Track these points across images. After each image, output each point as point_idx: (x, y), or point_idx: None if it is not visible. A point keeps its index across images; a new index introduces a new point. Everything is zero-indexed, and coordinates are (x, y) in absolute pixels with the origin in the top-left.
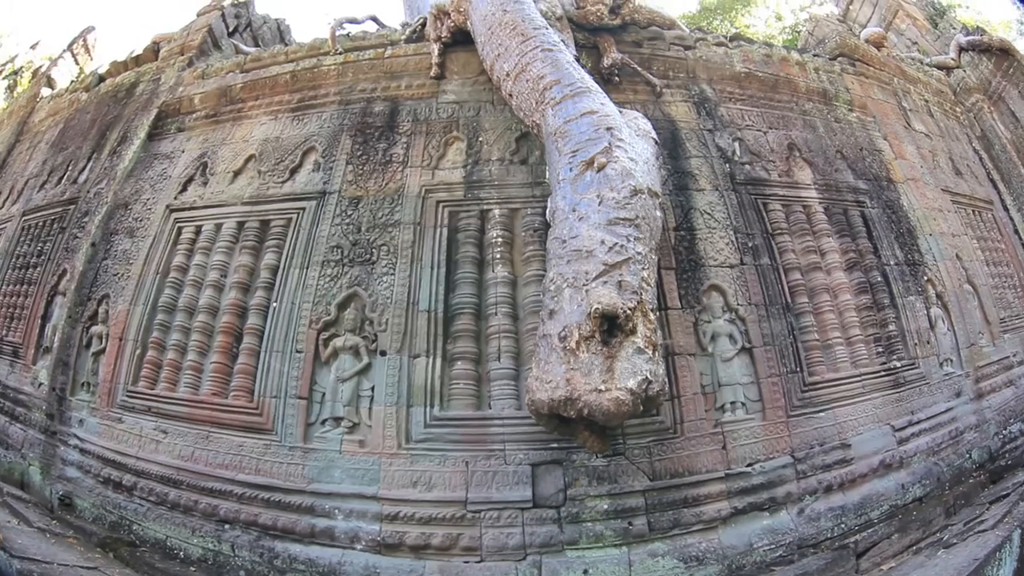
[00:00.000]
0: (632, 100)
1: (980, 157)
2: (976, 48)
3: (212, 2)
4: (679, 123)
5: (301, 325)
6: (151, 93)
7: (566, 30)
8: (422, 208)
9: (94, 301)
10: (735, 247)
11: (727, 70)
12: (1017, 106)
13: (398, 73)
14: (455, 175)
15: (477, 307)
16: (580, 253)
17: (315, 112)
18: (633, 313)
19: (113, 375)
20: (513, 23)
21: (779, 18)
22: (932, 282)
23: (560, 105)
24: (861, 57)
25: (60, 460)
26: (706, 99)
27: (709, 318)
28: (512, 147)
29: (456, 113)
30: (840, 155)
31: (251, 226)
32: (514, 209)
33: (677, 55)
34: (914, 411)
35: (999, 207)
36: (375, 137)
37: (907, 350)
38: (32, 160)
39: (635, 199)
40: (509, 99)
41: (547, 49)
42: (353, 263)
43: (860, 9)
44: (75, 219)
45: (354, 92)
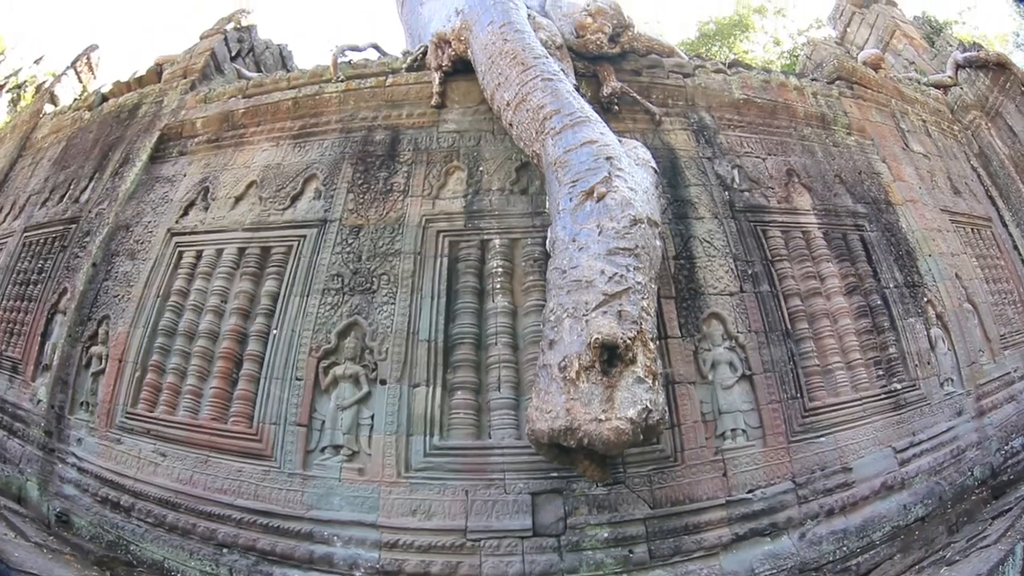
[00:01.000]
0: (632, 129)
1: (978, 175)
2: (973, 64)
3: (215, 26)
4: (678, 151)
5: (301, 353)
6: (153, 115)
7: (566, 59)
8: (423, 238)
9: (94, 321)
10: (735, 275)
11: (726, 97)
12: (1015, 120)
13: (399, 102)
14: (456, 205)
15: (477, 337)
16: (580, 283)
17: (316, 139)
18: (633, 343)
19: (112, 396)
20: (513, 52)
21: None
22: (932, 303)
23: (560, 135)
24: (859, 80)
25: (58, 477)
26: (705, 127)
27: (709, 346)
28: (512, 177)
29: (457, 142)
30: (839, 179)
31: (252, 252)
32: (514, 239)
33: (676, 83)
34: (915, 432)
35: (998, 224)
36: (376, 166)
37: (907, 372)
38: (34, 176)
39: (635, 229)
40: (509, 128)
41: (547, 78)
42: (353, 292)
43: (857, 31)
44: (76, 238)
45: (355, 120)
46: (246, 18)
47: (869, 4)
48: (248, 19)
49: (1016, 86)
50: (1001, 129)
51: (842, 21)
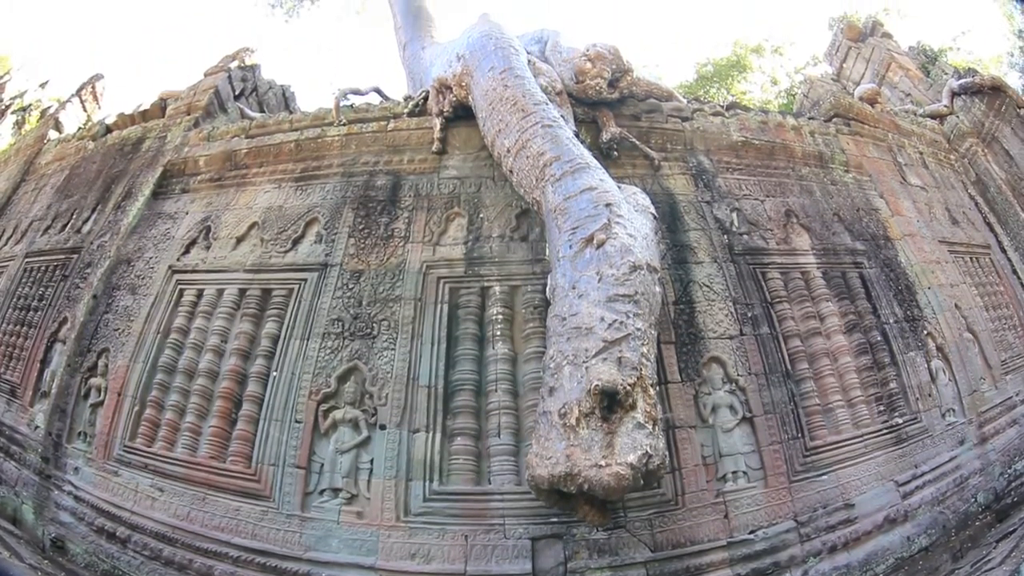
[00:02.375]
0: (631, 174)
1: (976, 202)
2: (968, 91)
3: (219, 63)
4: (677, 196)
5: (301, 395)
6: (157, 151)
7: (566, 105)
8: (423, 284)
9: (94, 353)
10: (734, 318)
11: (724, 140)
12: (1011, 144)
13: (400, 147)
14: (456, 251)
15: (477, 383)
16: (580, 330)
17: (318, 183)
18: (633, 389)
19: (111, 429)
20: (514, 98)
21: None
22: (932, 335)
23: (560, 182)
24: (856, 116)
25: (54, 504)
26: (704, 170)
27: (709, 390)
28: (512, 224)
29: (457, 189)
30: (837, 218)
31: (253, 294)
32: (514, 286)
33: (675, 127)
34: (917, 464)
35: (996, 250)
36: (377, 211)
37: (908, 405)
38: (37, 202)
39: (634, 275)
40: (510, 175)
41: (547, 125)
42: (354, 336)
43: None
44: (78, 269)
45: (357, 164)
46: (250, 57)
47: (865, 38)
48: (252, 58)
49: (1011, 108)
50: (997, 154)
51: (838, 57)
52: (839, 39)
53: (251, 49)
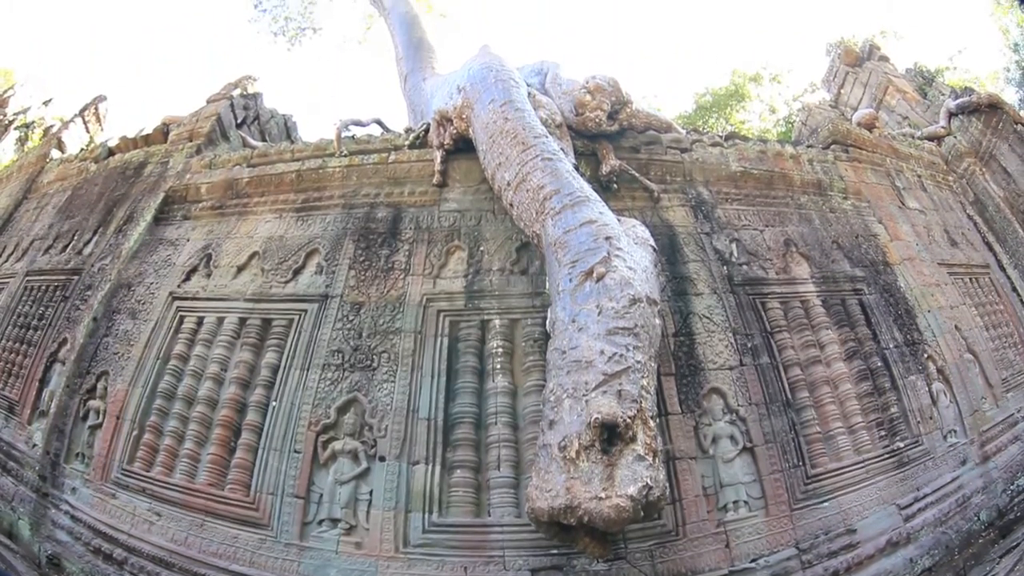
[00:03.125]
0: (630, 207)
1: (975, 222)
2: (965, 110)
3: (222, 90)
4: (677, 228)
5: (300, 426)
6: (159, 176)
7: (565, 137)
8: (423, 317)
9: (93, 375)
10: (734, 349)
11: (723, 170)
12: (1008, 160)
13: (401, 179)
14: (456, 284)
15: (477, 416)
16: (580, 364)
17: (319, 214)
18: (633, 421)
19: (109, 451)
20: (514, 131)
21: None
22: (932, 358)
23: (560, 215)
24: (854, 142)
25: (51, 521)
26: (703, 202)
27: (710, 421)
28: (513, 257)
29: (458, 222)
30: (836, 245)
31: (253, 323)
32: (514, 319)
33: (674, 159)
34: (919, 487)
35: (995, 268)
36: (378, 243)
37: (910, 429)
38: (38, 221)
39: (634, 308)
40: (510, 208)
41: (547, 158)
42: (354, 368)
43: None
44: (78, 291)
45: (358, 196)
46: (252, 85)
47: (862, 62)
48: (254, 86)
49: (1008, 125)
50: (995, 172)
51: (836, 83)
52: (836, 65)
53: (254, 77)
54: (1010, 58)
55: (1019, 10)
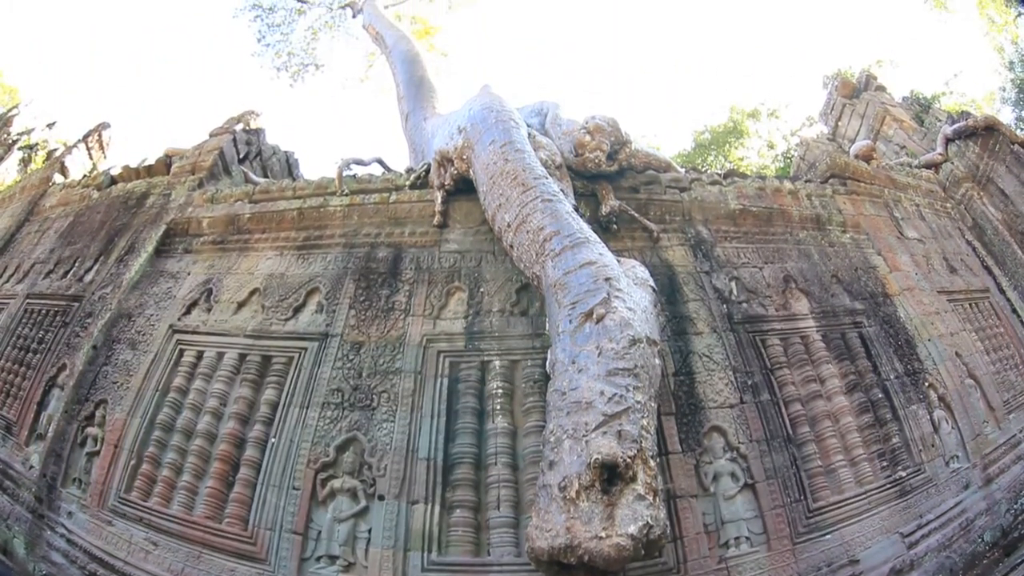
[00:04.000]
0: (630, 247)
1: (973, 247)
2: (962, 135)
3: (224, 124)
4: (676, 267)
5: (299, 463)
6: (161, 208)
7: (565, 178)
8: (423, 357)
9: (91, 403)
10: (734, 387)
11: (722, 209)
12: (1005, 182)
13: (402, 219)
14: (456, 326)
15: (477, 456)
16: (580, 404)
17: (320, 252)
18: (633, 461)
19: (106, 479)
20: (514, 173)
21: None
22: (934, 386)
23: (560, 257)
24: (852, 174)
25: (46, 543)
26: (702, 240)
27: (710, 459)
28: (513, 298)
29: (458, 263)
30: (835, 279)
31: (253, 359)
32: (514, 361)
33: (673, 198)
34: (922, 514)
35: (995, 292)
36: (378, 283)
37: (912, 458)
38: (40, 245)
39: (634, 349)
40: (510, 250)
41: (547, 200)
42: (353, 407)
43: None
44: (78, 318)
45: (359, 236)
46: (255, 120)
47: (859, 93)
48: (256, 121)
49: (1005, 146)
50: (993, 195)
51: (833, 115)
52: (834, 97)
53: (256, 112)
54: (1006, 77)
55: (1014, 27)
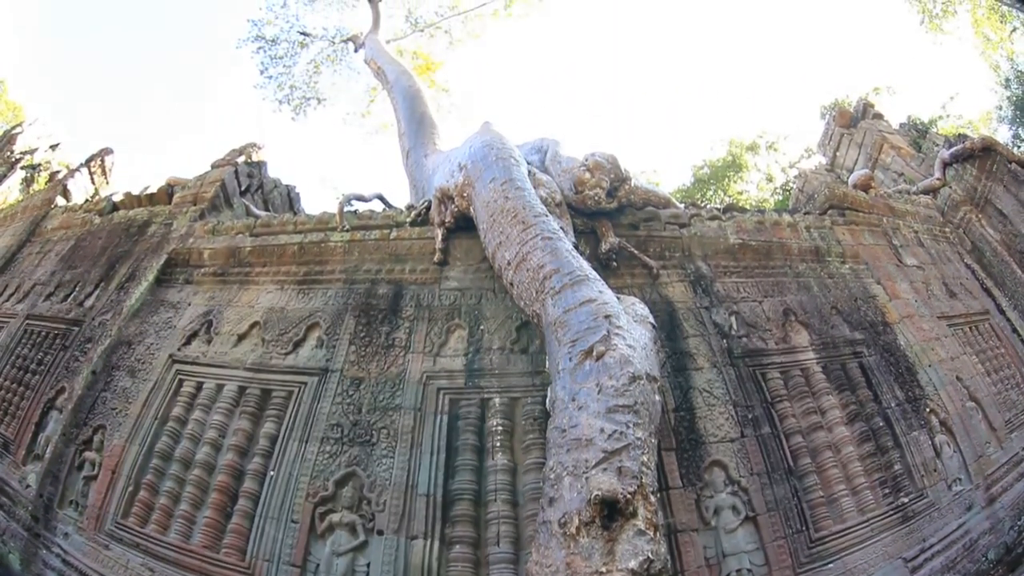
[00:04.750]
0: (630, 284)
1: (972, 270)
2: (960, 158)
3: (226, 156)
4: (676, 303)
5: (298, 496)
6: (162, 237)
7: (565, 216)
8: (423, 394)
9: (90, 427)
10: (735, 421)
11: (721, 244)
12: (1003, 202)
13: (403, 256)
14: (456, 363)
15: (477, 493)
16: (580, 442)
17: (321, 288)
18: (633, 497)
19: (103, 503)
20: (514, 211)
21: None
22: (935, 412)
23: (559, 295)
24: (850, 204)
25: (42, 561)
26: (702, 276)
27: (711, 493)
28: (513, 336)
29: (458, 300)
30: (835, 310)
31: (252, 392)
32: (514, 398)
33: (672, 234)
34: (925, 538)
35: (995, 312)
36: (378, 320)
37: (914, 483)
38: (41, 266)
39: (633, 386)
40: (510, 288)
41: (547, 238)
42: (353, 443)
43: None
44: (78, 342)
45: (359, 272)
46: (257, 153)
47: (856, 122)
48: (259, 154)
49: (1002, 166)
50: (991, 216)
51: (831, 146)
52: (831, 128)
53: (259, 145)
54: (1002, 95)
55: (1010, 43)
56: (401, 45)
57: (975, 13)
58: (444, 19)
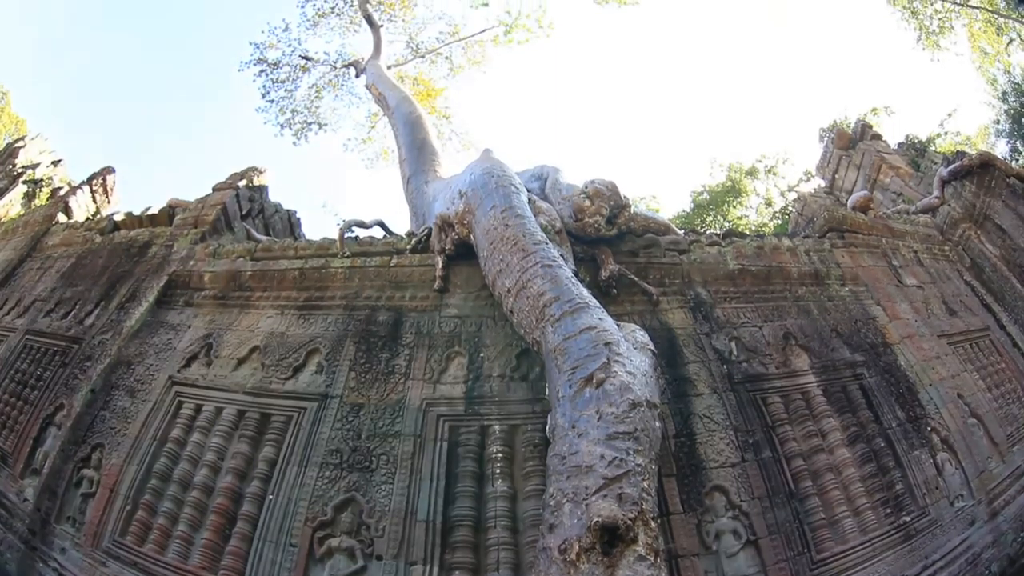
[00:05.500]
0: (630, 311)
1: (972, 287)
2: (958, 175)
3: (228, 179)
4: (676, 330)
5: (297, 520)
6: (163, 259)
7: (565, 243)
8: (423, 421)
9: (88, 445)
10: (735, 446)
11: (721, 269)
12: (1002, 218)
13: (403, 283)
14: (456, 390)
15: (476, 519)
16: (580, 468)
17: (321, 313)
18: (634, 523)
19: (101, 521)
20: (514, 238)
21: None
22: (936, 430)
23: (560, 322)
24: (849, 227)
25: (38, 574)
26: (702, 302)
27: (712, 518)
28: (513, 363)
29: (458, 328)
30: (835, 333)
31: (251, 416)
32: (514, 425)
33: (672, 260)
34: (928, 555)
35: (995, 328)
36: (378, 346)
37: (916, 502)
38: (41, 283)
39: (634, 412)
40: (510, 315)
41: (547, 265)
42: (352, 468)
43: (845, 175)
44: (77, 360)
45: (359, 298)
46: (258, 177)
47: (855, 144)
48: (260, 179)
49: (1000, 180)
50: (990, 232)
51: (830, 168)
52: (830, 150)
53: (260, 169)
54: (1000, 109)
55: (1006, 55)
56: (402, 71)
57: (972, 27)
58: (445, 45)
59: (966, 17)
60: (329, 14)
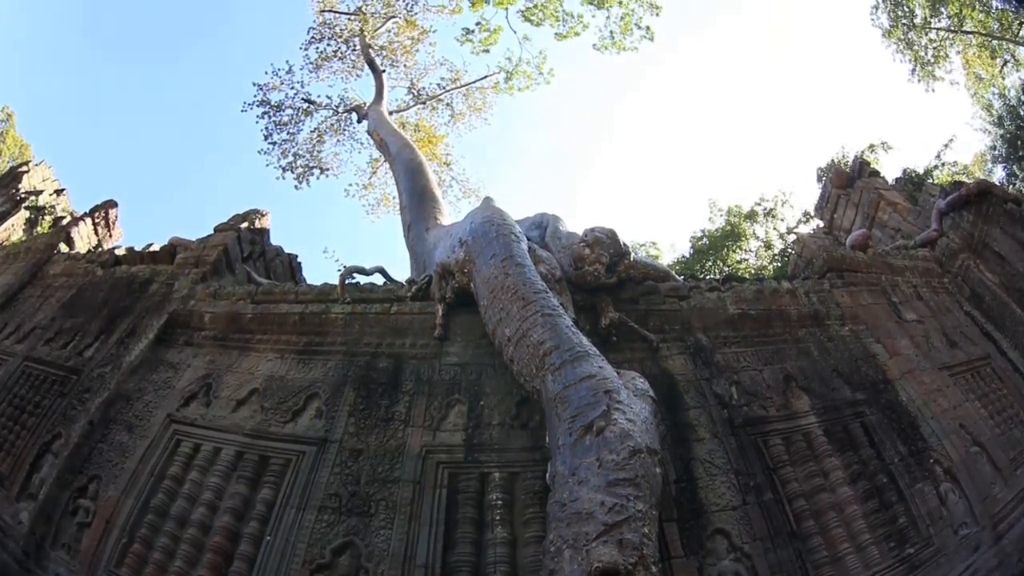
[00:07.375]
0: (630, 358)
1: (972, 317)
2: (956, 206)
3: (230, 221)
4: (676, 376)
5: (295, 563)
6: (164, 297)
7: (565, 292)
8: (422, 468)
9: (85, 476)
10: (736, 489)
11: (721, 315)
12: (1001, 244)
13: (403, 330)
14: (456, 438)
15: (475, 565)
16: (580, 515)
17: (321, 358)
18: (635, 568)
19: (96, 551)
20: (515, 287)
21: (769, 246)
22: (939, 461)
23: (560, 371)
24: (848, 266)
25: None
26: (701, 348)
27: (714, 561)
28: (513, 412)
29: (458, 375)
30: (836, 373)
31: (250, 458)
32: (514, 473)
33: (672, 307)
34: None
35: (996, 355)
36: (378, 393)
37: (919, 533)
38: (41, 311)
39: (634, 459)
40: (510, 364)
41: (547, 314)
42: (351, 513)
43: (844, 214)
44: (76, 391)
45: (360, 344)
46: (260, 220)
47: (853, 182)
48: (262, 221)
49: (998, 207)
50: (989, 260)
51: (828, 208)
52: (828, 190)
53: (262, 212)
54: (995, 134)
55: (1001, 78)
56: (404, 117)
57: (967, 53)
58: (446, 91)
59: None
60: (332, 58)
